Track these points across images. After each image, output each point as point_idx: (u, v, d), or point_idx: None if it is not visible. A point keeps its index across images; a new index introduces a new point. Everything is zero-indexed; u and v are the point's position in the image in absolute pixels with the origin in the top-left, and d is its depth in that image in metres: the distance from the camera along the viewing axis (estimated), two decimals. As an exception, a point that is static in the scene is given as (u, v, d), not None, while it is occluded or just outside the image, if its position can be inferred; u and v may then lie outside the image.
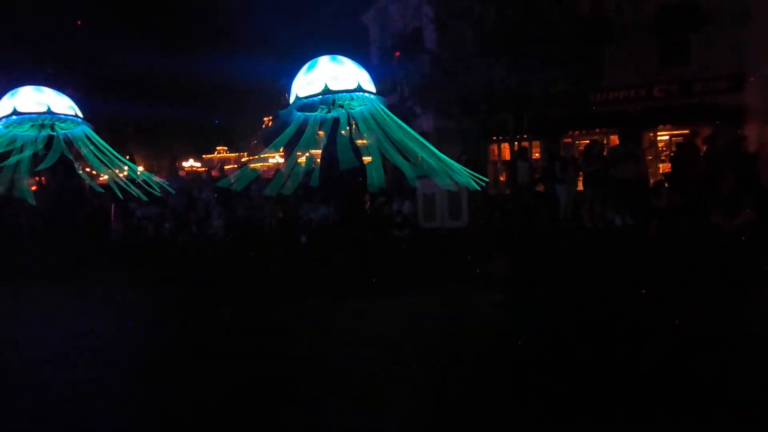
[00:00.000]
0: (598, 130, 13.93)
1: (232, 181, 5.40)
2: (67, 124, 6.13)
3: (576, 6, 10.91)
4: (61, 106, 5.91)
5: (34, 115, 5.70)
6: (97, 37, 15.97)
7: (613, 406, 2.21)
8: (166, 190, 7.69)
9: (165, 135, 24.32)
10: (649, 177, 10.03)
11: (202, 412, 2.28)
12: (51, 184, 6.39)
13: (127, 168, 6.87)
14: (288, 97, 5.27)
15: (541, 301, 4.22)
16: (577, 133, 14.05)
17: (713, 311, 3.71)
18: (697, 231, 7.44)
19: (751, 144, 11.17)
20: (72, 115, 5.98)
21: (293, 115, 5.27)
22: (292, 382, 2.62)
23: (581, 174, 10.12)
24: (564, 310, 3.88)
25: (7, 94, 5.76)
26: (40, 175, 6.64)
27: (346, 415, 2.24)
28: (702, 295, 4.17)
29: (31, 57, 14.42)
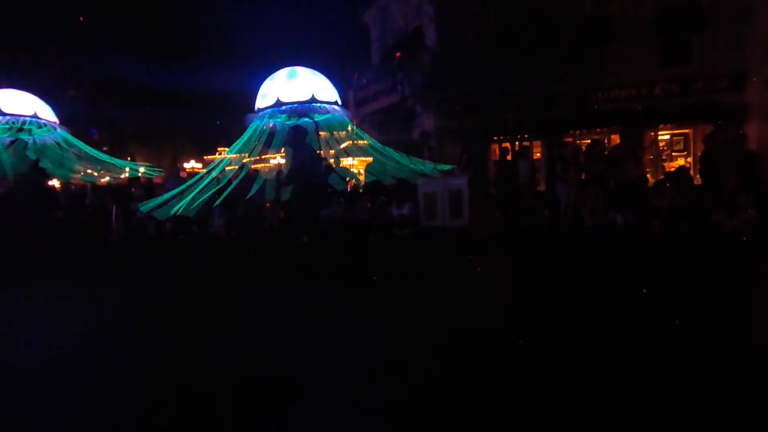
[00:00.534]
0: (599, 130, 13.92)
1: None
2: (43, 130, 6.23)
3: (577, 5, 10.88)
4: (45, 112, 6.02)
5: (22, 118, 5.80)
6: (98, 41, 16.09)
7: (616, 407, 2.21)
8: (168, 190, 7.76)
9: (166, 136, 24.42)
10: (648, 177, 9.99)
11: (199, 410, 2.29)
12: (19, 186, 6.44)
13: (128, 168, 6.95)
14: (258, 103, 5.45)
15: (541, 300, 4.23)
16: (578, 132, 14.04)
17: (713, 311, 3.71)
18: (698, 230, 7.44)
19: (753, 143, 11.16)
20: (53, 122, 6.12)
21: (260, 122, 5.50)
22: (289, 381, 2.62)
23: (582, 173, 10.12)
24: (564, 310, 3.88)
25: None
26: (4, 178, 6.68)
27: (342, 415, 2.25)
28: (702, 294, 4.18)
29: (34, 59, 14.52)
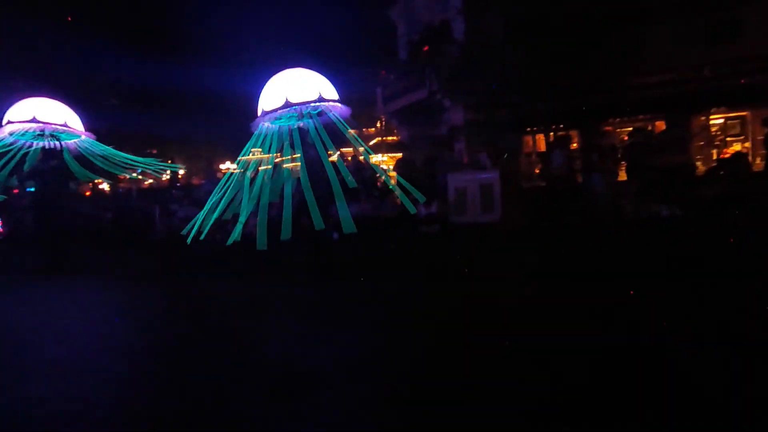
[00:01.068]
0: (642, 117, 13.13)
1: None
2: (68, 136, 6.51)
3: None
4: (75, 121, 6.31)
5: (53, 126, 6.08)
6: (133, 50, 16.76)
7: (664, 405, 1.97)
8: (206, 191, 8.01)
9: (203, 139, 25.24)
10: (698, 165, 9.30)
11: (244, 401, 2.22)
12: (39, 191, 6.73)
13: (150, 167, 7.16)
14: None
15: (575, 296, 3.94)
16: (618, 120, 13.30)
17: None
18: (755, 221, 6.82)
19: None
20: (80, 131, 6.38)
21: (262, 126, 5.47)
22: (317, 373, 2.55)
23: (623, 163, 9.58)
24: (601, 306, 3.60)
25: (24, 100, 6.15)
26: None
27: (356, 411, 2.12)
28: (755, 290, 3.76)
29: (71, 70, 15.29)
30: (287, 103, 5.16)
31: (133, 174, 7.48)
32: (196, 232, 5.27)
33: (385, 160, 19.00)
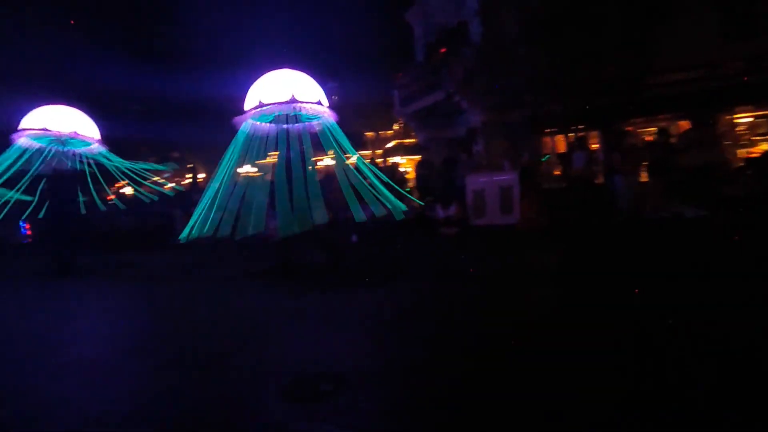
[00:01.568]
0: (663, 116, 12.86)
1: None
2: (79, 143, 6.77)
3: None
4: (88, 128, 6.56)
5: (63, 136, 6.38)
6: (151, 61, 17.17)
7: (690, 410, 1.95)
8: (227, 193, 8.13)
9: (223, 143, 25.64)
10: (722, 164, 9.05)
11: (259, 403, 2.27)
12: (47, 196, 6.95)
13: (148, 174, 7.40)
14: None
15: (598, 298, 3.90)
16: (639, 120, 13.05)
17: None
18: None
19: None
20: (93, 138, 6.63)
21: (247, 125, 5.57)
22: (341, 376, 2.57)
23: (644, 164, 9.40)
24: (625, 308, 3.56)
25: (39, 108, 6.43)
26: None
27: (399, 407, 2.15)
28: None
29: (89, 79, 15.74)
30: (260, 104, 5.27)
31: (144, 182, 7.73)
32: (189, 232, 5.41)
33: (404, 162, 19.02)
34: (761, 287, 3.81)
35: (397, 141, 21.36)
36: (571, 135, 12.21)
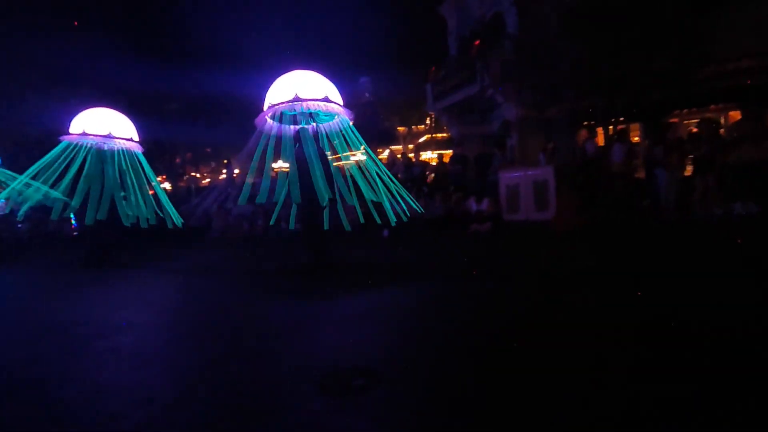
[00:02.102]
0: (712, 107, 12.21)
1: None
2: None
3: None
4: (125, 130, 7.00)
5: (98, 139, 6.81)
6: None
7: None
8: (261, 189, 8.40)
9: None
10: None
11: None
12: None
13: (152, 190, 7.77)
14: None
15: (637, 300, 3.75)
16: (685, 112, 12.44)
17: None
18: None
19: None
20: (129, 139, 7.02)
21: (269, 125, 5.68)
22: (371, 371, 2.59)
23: (688, 158, 8.97)
24: (665, 309, 3.40)
25: (86, 112, 6.83)
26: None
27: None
28: None
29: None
30: (296, 98, 5.39)
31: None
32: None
33: (434, 158, 18.89)
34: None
35: (429, 136, 21.23)
36: (610, 128, 11.79)
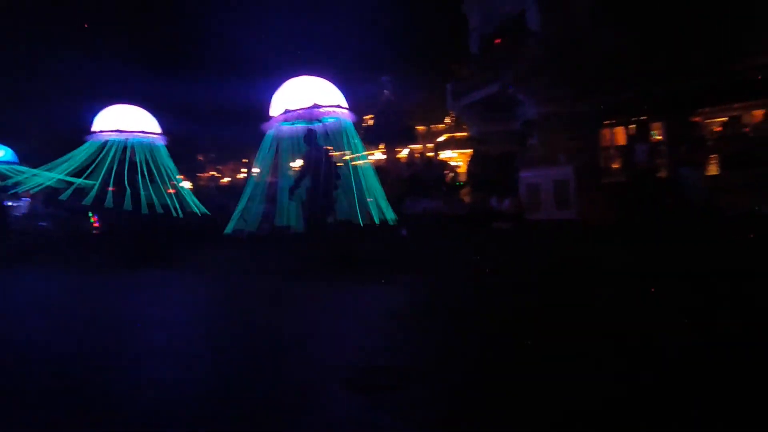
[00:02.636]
0: (737, 105, 11.92)
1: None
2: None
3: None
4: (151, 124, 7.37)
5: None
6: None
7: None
8: (279, 188, 8.55)
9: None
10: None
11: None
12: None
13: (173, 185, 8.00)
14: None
15: (664, 299, 3.79)
16: (708, 109, 12.16)
17: None
18: None
19: None
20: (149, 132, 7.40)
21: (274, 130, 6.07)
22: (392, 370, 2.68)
23: (716, 155, 8.86)
24: (694, 308, 3.45)
25: (107, 109, 7.16)
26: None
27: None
28: None
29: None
30: (314, 105, 5.85)
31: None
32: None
33: (454, 157, 18.88)
34: None
35: (449, 135, 21.20)
36: (632, 126, 11.62)
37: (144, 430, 2.06)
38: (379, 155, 18.89)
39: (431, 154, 18.52)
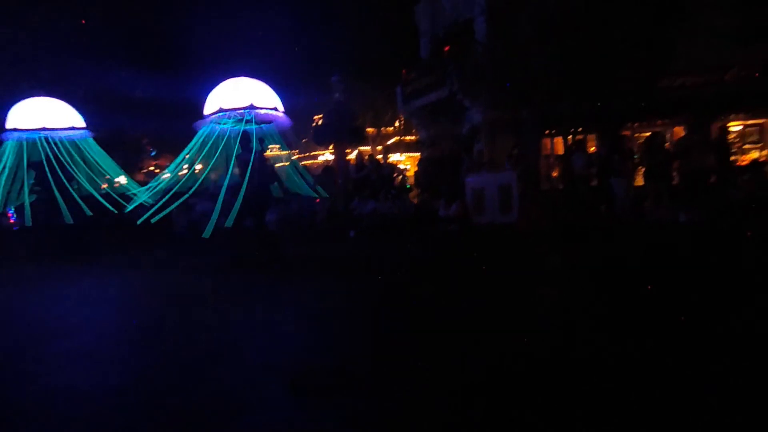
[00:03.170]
0: (660, 122, 12.98)
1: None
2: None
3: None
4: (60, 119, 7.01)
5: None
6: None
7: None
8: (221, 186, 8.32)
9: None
10: (719, 169, 9.18)
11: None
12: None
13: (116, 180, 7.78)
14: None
15: (595, 298, 4.04)
16: (636, 125, 13.16)
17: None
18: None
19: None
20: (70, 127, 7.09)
21: (207, 127, 6.22)
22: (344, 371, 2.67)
23: (640, 168, 9.56)
24: (622, 309, 3.70)
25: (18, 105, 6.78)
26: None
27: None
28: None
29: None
30: (220, 109, 5.95)
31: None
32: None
33: (403, 160, 19.11)
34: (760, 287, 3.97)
35: (398, 137, 21.45)
36: (569, 137, 12.34)
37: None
38: (327, 155, 18.75)
39: (380, 156, 18.64)
